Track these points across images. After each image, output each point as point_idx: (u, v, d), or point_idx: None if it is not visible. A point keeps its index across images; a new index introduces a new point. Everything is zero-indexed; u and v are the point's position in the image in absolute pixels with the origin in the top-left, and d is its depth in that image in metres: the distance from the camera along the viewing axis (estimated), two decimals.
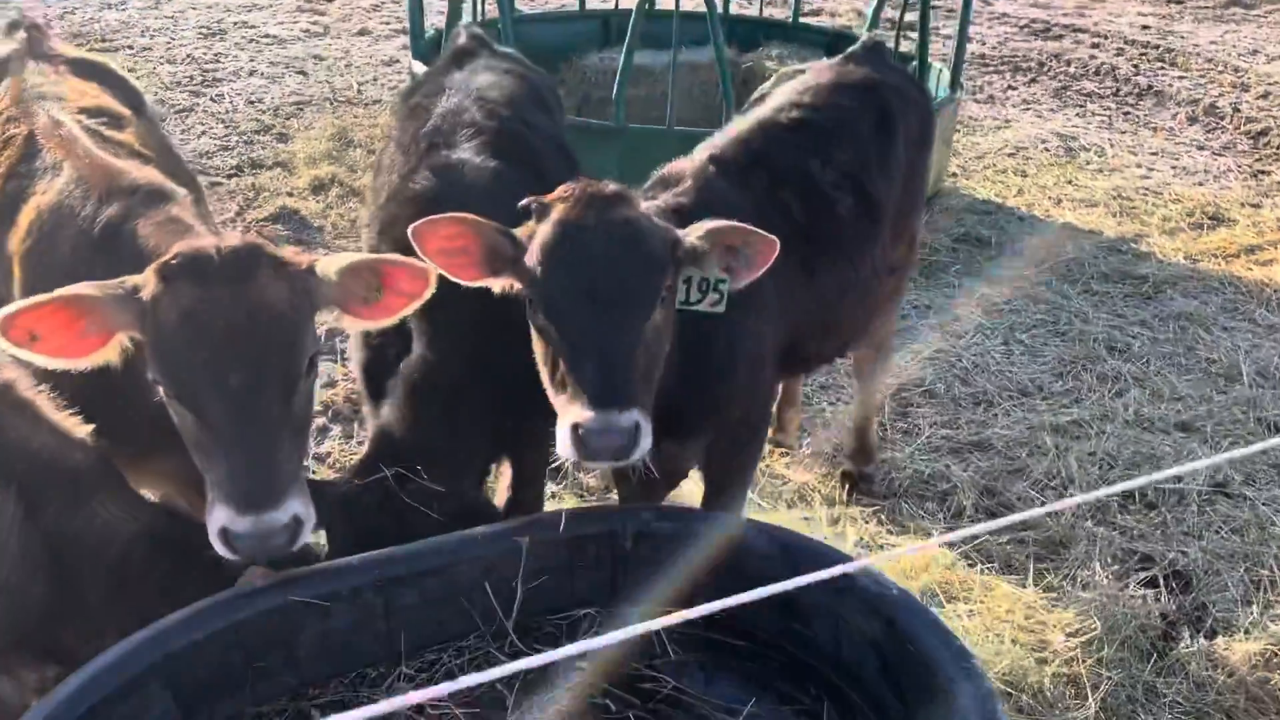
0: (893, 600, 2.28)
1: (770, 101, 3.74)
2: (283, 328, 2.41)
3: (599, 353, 2.49)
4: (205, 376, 2.33)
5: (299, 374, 2.46)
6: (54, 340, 2.33)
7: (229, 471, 2.32)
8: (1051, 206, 8.37)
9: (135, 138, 3.23)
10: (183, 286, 2.36)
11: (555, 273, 2.56)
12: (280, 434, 2.39)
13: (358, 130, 9.04)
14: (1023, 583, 4.26)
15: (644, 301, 2.59)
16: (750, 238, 2.68)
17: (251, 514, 2.27)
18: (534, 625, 2.58)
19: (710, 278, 2.74)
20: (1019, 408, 5.57)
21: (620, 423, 2.40)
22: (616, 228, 2.60)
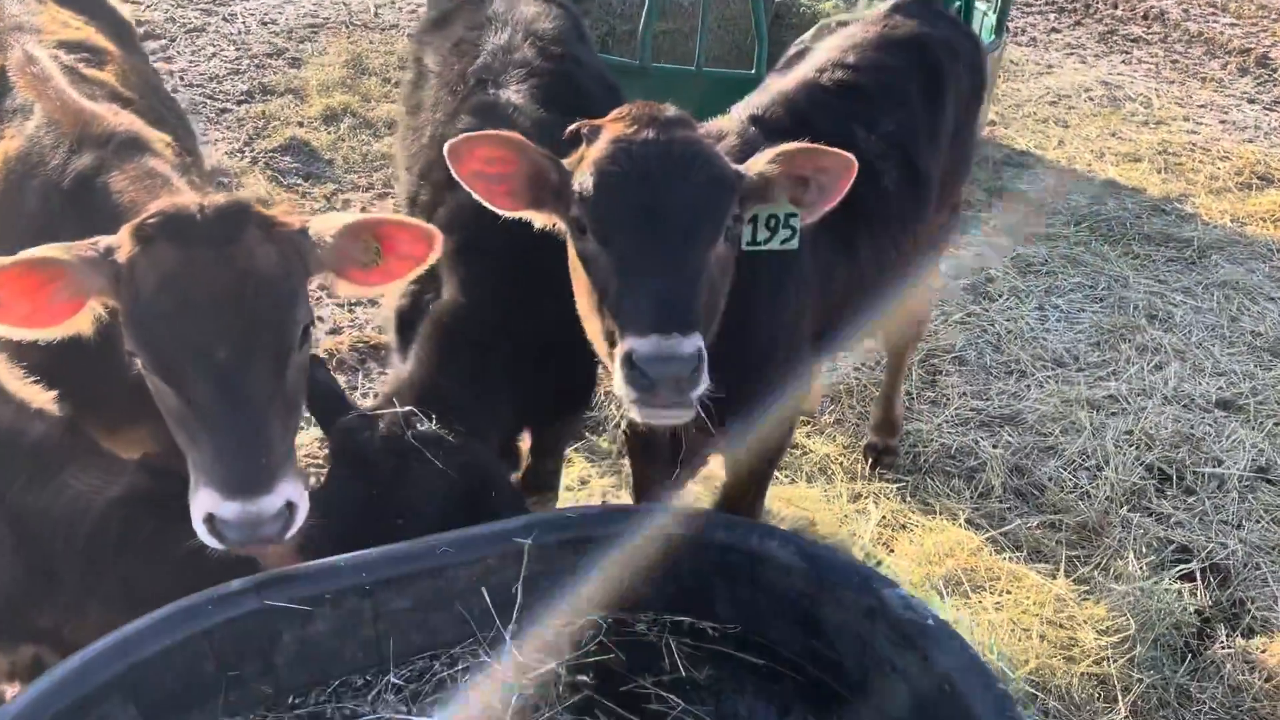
0: (928, 631, 2.06)
1: (812, 59, 3.42)
2: (273, 294, 2.18)
3: (657, 272, 2.23)
4: (188, 349, 2.11)
5: (291, 346, 2.23)
6: (19, 308, 2.11)
7: (215, 453, 2.10)
8: (1094, 160, 7.99)
9: (116, 76, 2.97)
10: (162, 248, 2.13)
11: (607, 187, 2.30)
12: (271, 412, 2.17)
13: (373, 57, 8.69)
14: (1053, 573, 4.05)
15: (709, 221, 2.33)
16: (824, 160, 2.42)
17: (240, 499, 2.07)
18: (533, 633, 2.38)
19: (780, 213, 2.47)
20: (1053, 379, 5.31)
21: (682, 347, 2.13)
22: (678, 143, 2.34)
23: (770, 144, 2.90)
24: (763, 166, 2.42)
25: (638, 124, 2.36)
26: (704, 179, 2.33)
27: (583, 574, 2.40)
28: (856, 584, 2.20)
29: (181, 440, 2.22)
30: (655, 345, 2.13)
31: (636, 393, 2.19)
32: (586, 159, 2.38)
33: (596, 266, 2.35)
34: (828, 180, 2.45)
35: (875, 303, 3.34)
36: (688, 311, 2.22)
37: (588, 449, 4.66)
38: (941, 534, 4.20)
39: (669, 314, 2.18)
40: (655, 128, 2.35)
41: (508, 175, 2.42)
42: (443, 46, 3.66)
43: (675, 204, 2.28)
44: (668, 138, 2.34)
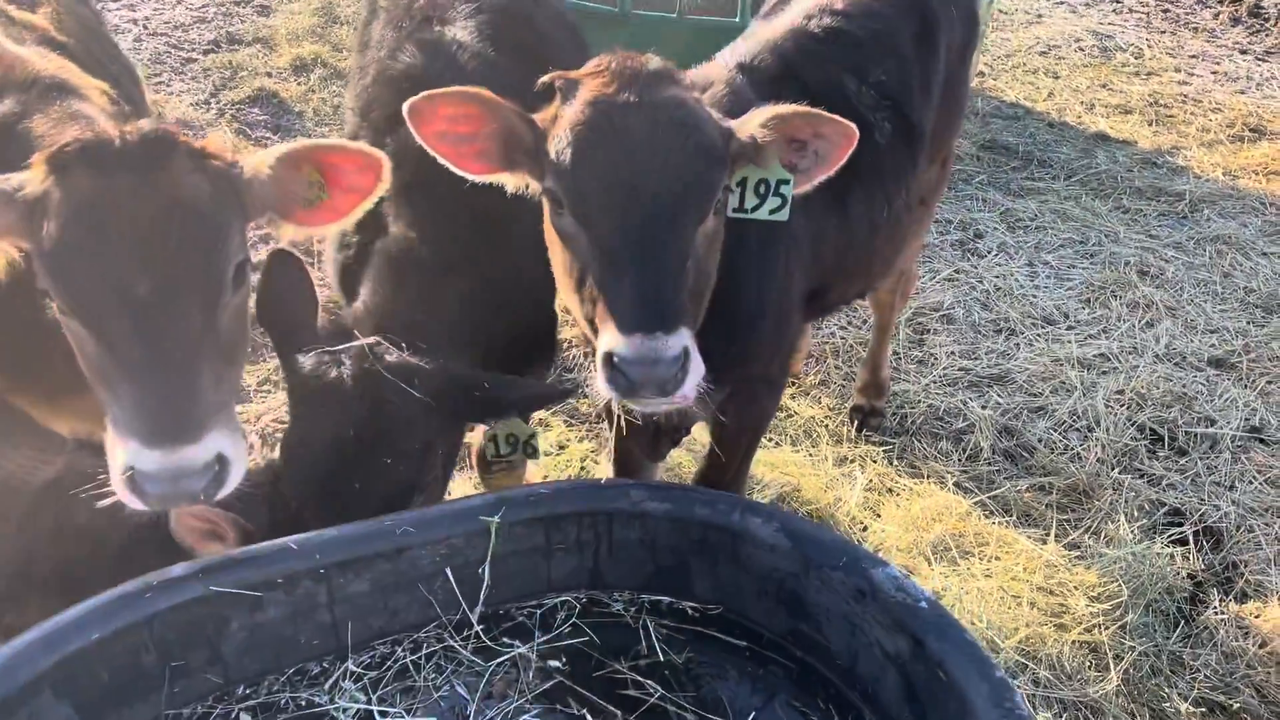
0: (922, 615, 1.93)
1: (799, 4, 3.22)
2: (201, 225, 2.01)
3: (640, 263, 2.04)
4: (105, 284, 1.93)
5: (222, 283, 2.06)
6: None
7: (134, 400, 1.93)
8: (1084, 112, 7.82)
9: (50, 19, 2.76)
10: (78, 176, 1.96)
11: (586, 161, 2.09)
12: (199, 355, 2.00)
13: (345, 4, 8.37)
14: (1043, 538, 3.94)
15: (698, 200, 2.13)
16: (824, 126, 2.21)
17: (161, 448, 1.90)
18: (502, 615, 2.24)
19: (771, 178, 2.26)
20: (1043, 337, 5.19)
21: (666, 350, 1.98)
22: (663, 108, 2.12)
23: (760, 96, 2.74)
24: (756, 128, 2.21)
25: (618, 81, 2.14)
26: (693, 150, 2.11)
27: (554, 552, 2.26)
28: (845, 564, 2.07)
29: (101, 392, 2.05)
30: (638, 348, 1.98)
31: (617, 392, 2.05)
32: (561, 121, 2.16)
33: (575, 245, 2.17)
34: (825, 147, 2.26)
35: (868, 261, 3.18)
36: (674, 305, 2.05)
37: (567, 412, 4.51)
38: (929, 498, 4.09)
39: (653, 311, 2.01)
40: (638, 86, 2.13)
41: (476, 135, 2.22)
42: None
43: (660, 178, 2.08)
44: (651, 99, 2.12)
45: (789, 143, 2.24)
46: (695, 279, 2.15)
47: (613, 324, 2.02)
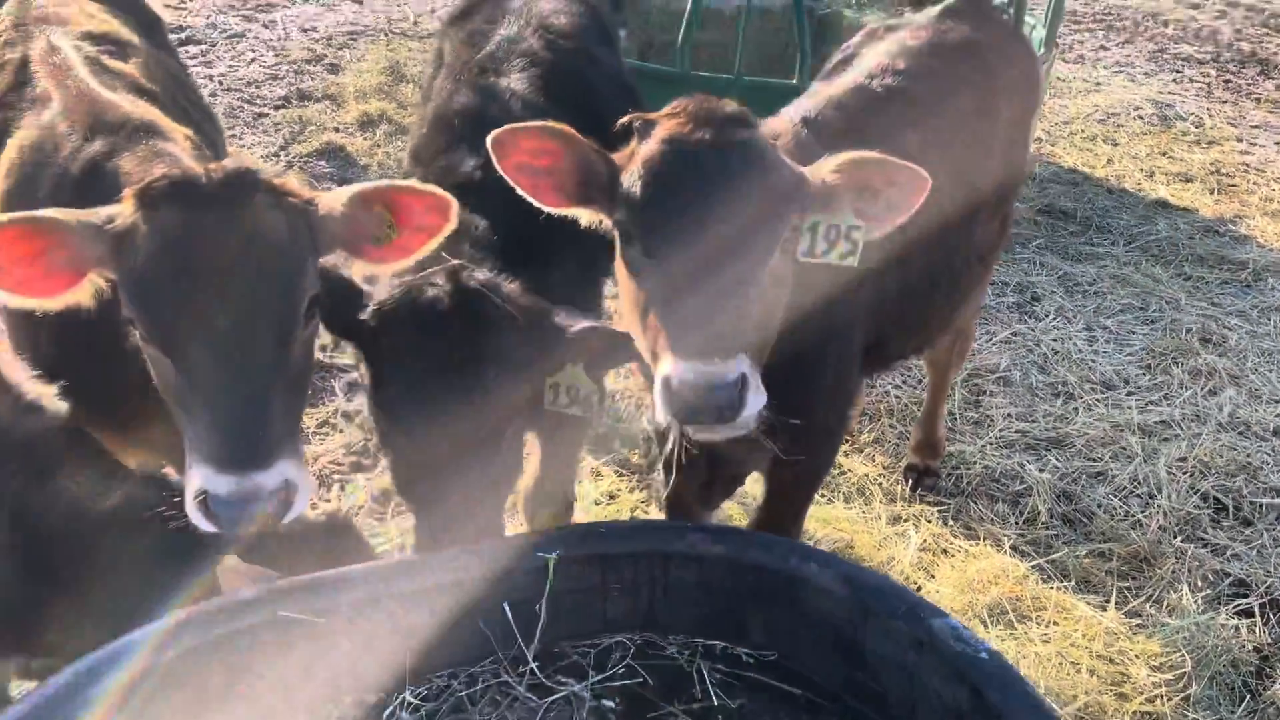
0: (982, 665, 1.91)
1: (861, 64, 3.29)
2: (279, 261, 2.09)
3: (704, 293, 2.06)
4: (187, 316, 2.01)
5: (296, 317, 2.14)
6: (16, 273, 2.03)
7: (210, 426, 2.01)
8: (1143, 179, 7.78)
9: (140, 69, 2.90)
10: (165, 211, 2.04)
11: (657, 196, 2.13)
12: (272, 386, 2.07)
13: (411, 64, 8.67)
14: (1103, 605, 3.86)
15: (765, 235, 2.16)
16: (898, 174, 2.23)
17: (234, 474, 1.97)
18: (557, 652, 2.25)
19: (842, 223, 2.27)
20: (1102, 402, 5.11)
21: (722, 375, 1.98)
22: (735, 148, 2.16)
23: (824, 149, 2.79)
24: (828, 174, 2.24)
25: (693, 121, 2.19)
26: (763, 188, 2.15)
27: (610, 592, 2.27)
28: (903, 612, 2.05)
29: (179, 417, 2.13)
30: (695, 374, 1.99)
31: (675, 416, 2.05)
32: (636, 157, 2.22)
33: (641, 277, 2.20)
34: (898, 195, 2.26)
35: (926, 316, 3.19)
36: (733, 334, 2.06)
37: (618, 462, 4.53)
38: (985, 560, 4.02)
39: (712, 338, 2.03)
40: (712, 126, 2.18)
41: (554, 169, 2.29)
42: (458, 37, 3.59)
43: (729, 215, 2.11)
44: (724, 139, 2.17)
45: (860, 189, 2.26)
46: (760, 313, 2.17)
47: (671, 350, 2.04)
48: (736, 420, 2.03)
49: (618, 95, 3.58)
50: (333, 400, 4.78)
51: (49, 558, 2.26)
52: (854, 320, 2.77)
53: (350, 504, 4.14)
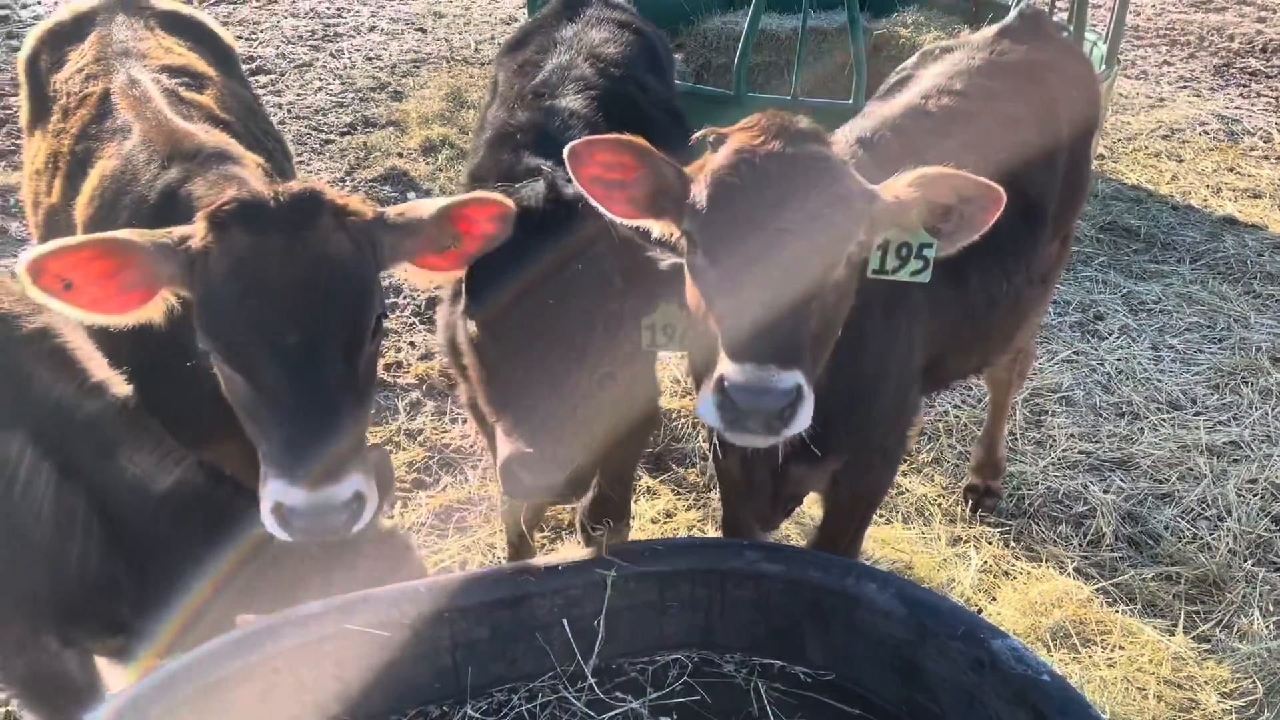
0: (1044, 688, 1.89)
1: (917, 85, 3.29)
2: (347, 280, 2.17)
3: (764, 298, 2.06)
4: (259, 334, 2.09)
5: (364, 334, 2.21)
6: (91, 291, 2.11)
7: (285, 441, 2.08)
8: (1210, 196, 7.63)
9: (215, 100, 3.02)
10: (235, 233, 2.13)
11: (724, 203, 2.14)
12: (343, 401, 2.14)
13: (472, 90, 8.84)
14: (1170, 629, 3.78)
15: (830, 247, 2.15)
16: (972, 190, 2.20)
17: (308, 487, 2.04)
18: (615, 669, 2.28)
19: (914, 241, 2.27)
20: (1168, 422, 5.01)
21: (777, 382, 1.97)
22: (805, 161, 2.15)
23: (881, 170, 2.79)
24: (901, 189, 2.23)
25: (765, 134, 2.19)
26: (828, 198, 2.14)
27: (668, 609, 2.29)
28: (963, 633, 2.04)
29: (252, 432, 2.20)
30: (748, 376, 1.98)
31: (722, 420, 2.05)
32: (707, 168, 2.24)
33: (704, 282, 2.20)
34: (971, 211, 2.23)
35: (985, 335, 3.17)
36: (790, 343, 2.06)
37: (674, 481, 4.55)
38: (1048, 583, 3.96)
39: (768, 343, 2.02)
40: (783, 139, 2.18)
41: (627, 182, 2.31)
42: (511, 67, 3.67)
43: (795, 225, 2.10)
44: (794, 151, 2.16)
45: (933, 206, 2.24)
46: (818, 326, 2.17)
47: (728, 354, 2.04)
48: (784, 433, 2.02)
49: (666, 121, 3.64)
50: (396, 419, 4.87)
51: (117, 535, 2.35)
52: (913, 339, 2.76)
53: (412, 520, 4.22)
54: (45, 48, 3.37)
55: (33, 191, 3.16)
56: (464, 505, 4.33)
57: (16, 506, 2.31)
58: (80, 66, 3.10)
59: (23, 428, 2.31)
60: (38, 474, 2.31)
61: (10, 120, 7.59)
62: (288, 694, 2.05)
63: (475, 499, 4.36)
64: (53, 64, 3.25)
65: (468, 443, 4.75)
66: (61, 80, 3.12)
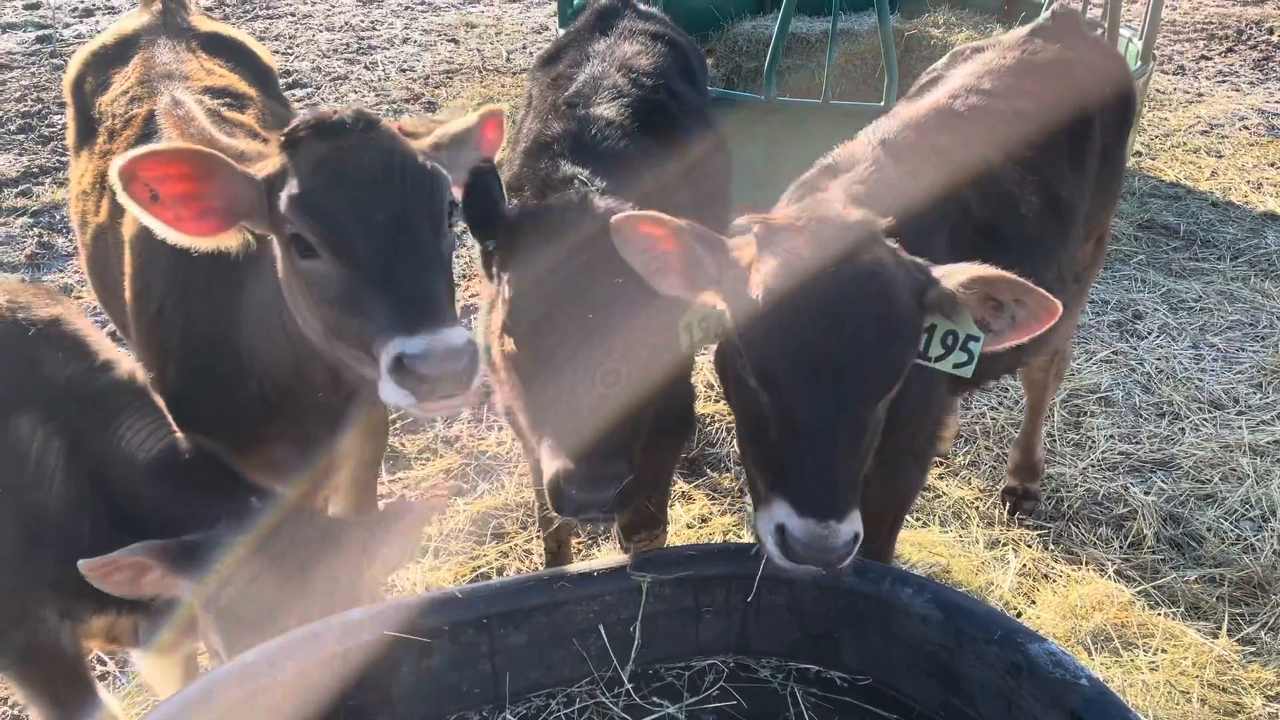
0: (1082, 692, 1.89)
1: (945, 85, 3.28)
2: (418, 167, 2.35)
3: (823, 446, 2.02)
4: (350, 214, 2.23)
5: (442, 214, 2.37)
6: (174, 208, 2.25)
7: (394, 303, 2.17)
8: (1250, 192, 7.52)
9: (256, 118, 3.08)
10: (312, 143, 2.31)
11: (778, 339, 2.06)
12: (437, 267, 2.29)
13: (505, 100, 8.91)
14: (1214, 631, 3.73)
15: (888, 382, 2.12)
16: (1027, 295, 2.15)
17: (426, 333, 2.12)
18: (651, 674, 2.30)
19: (961, 331, 2.22)
20: (1210, 422, 4.95)
21: (837, 537, 1.97)
22: (863, 282, 2.06)
23: (903, 173, 2.79)
24: (957, 285, 2.16)
25: (818, 242, 2.11)
26: (890, 331, 2.08)
27: (703, 614, 2.31)
28: (999, 637, 2.04)
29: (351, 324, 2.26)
30: (812, 532, 1.97)
31: (784, 560, 2.04)
32: (755, 278, 2.13)
33: (755, 404, 2.16)
34: (1024, 315, 2.18)
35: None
36: (851, 489, 2.04)
37: (709, 486, 4.57)
38: (1088, 586, 3.93)
39: (831, 500, 2.00)
40: (836, 254, 2.08)
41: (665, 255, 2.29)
42: (544, 80, 3.71)
43: (854, 363, 2.04)
44: (849, 273, 2.07)
45: (985, 300, 2.19)
46: (869, 445, 2.15)
47: (788, 500, 2.02)
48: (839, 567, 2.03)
49: (699, 131, 3.67)
50: (433, 426, 4.93)
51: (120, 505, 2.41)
52: None
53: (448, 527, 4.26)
54: (90, 70, 3.46)
55: (79, 211, 3.24)
56: (501, 511, 4.37)
57: (30, 482, 2.39)
58: (125, 89, 3.18)
59: (34, 407, 2.40)
60: (48, 451, 2.40)
61: (56, 138, 7.77)
62: (328, 700, 2.09)
63: (512, 505, 4.40)
64: (97, 86, 3.33)
65: (504, 449, 4.79)
66: (107, 102, 3.20)
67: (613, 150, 3.08)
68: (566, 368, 2.28)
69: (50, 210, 6.81)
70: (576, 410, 2.25)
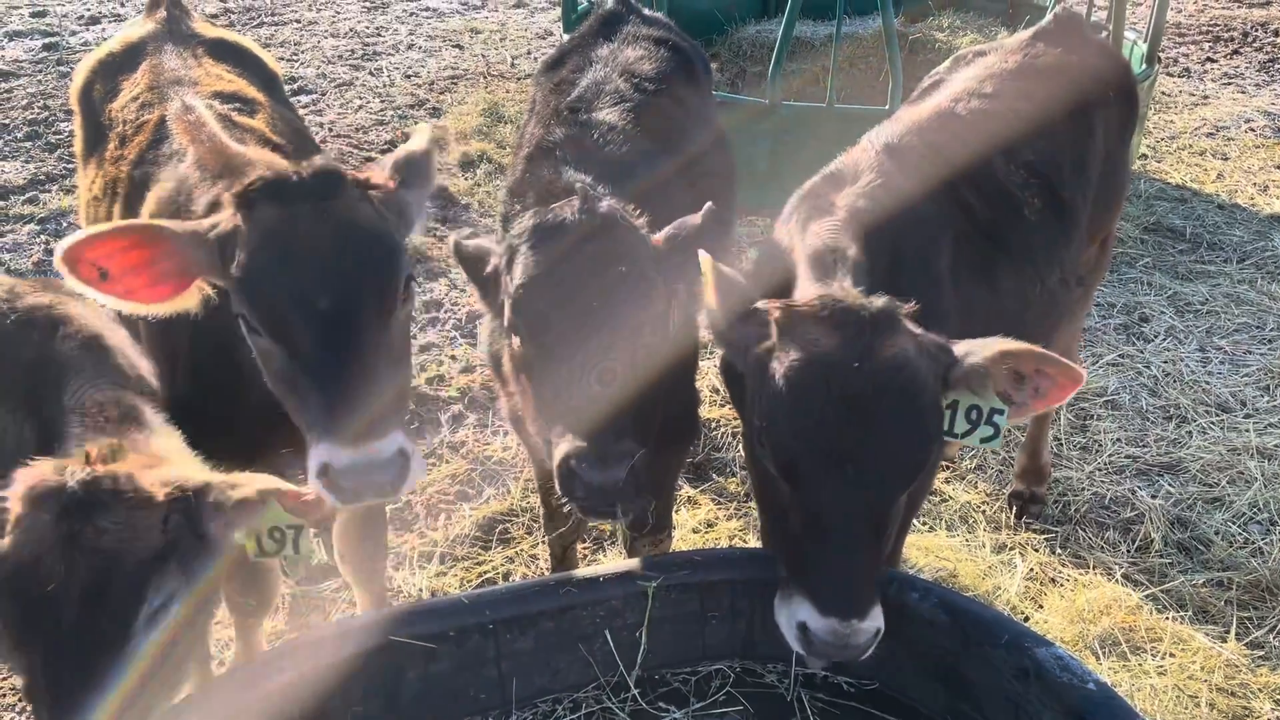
0: (1090, 697, 1.88)
1: (947, 89, 3.28)
2: (374, 243, 2.23)
3: (843, 543, 2.01)
4: (293, 300, 2.13)
5: (395, 294, 2.25)
6: (126, 280, 2.18)
7: (325, 404, 2.11)
8: (1257, 194, 7.50)
9: (266, 123, 3.09)
10: (263, 207, 2.20)
11: (804, 429, 2.05)
12: (379, 362, 2.18)
13: (509, 105, 8.92)
14: (1222, 635, 3.72)
15: (911, 476, 2.11)
16: (1051, 367, 2.15)
17: (353, 446, 2.06)
18: (658, 679, 2.29)
19: (984, 405, 2.20)
20: (1217, 425, 4.93)
21: (860, 636, 1.98)
22: (888, 377, 2.04)
23: (908, 179, 2.78)
24: (981, 361, 2.16)
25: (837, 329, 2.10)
26: (917, 424, 2.08)
27: (709, 619, 2.31)
28: (1006, 642, 2.04)
29: (293, 406, 2.22)
30: (834, 632, 1.97)
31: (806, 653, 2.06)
32: (779, 370, 2.11)
33: (776, 492, 2.16)
34: (1047, 386, 2.18)
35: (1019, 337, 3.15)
36: (871, 585, 2.03)
37: (715, 491, 4.56)
38: (1096, 590, 3.92)
39: (853, 599, 1.99)
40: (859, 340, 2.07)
41: None
42: (548, 85, 3.72)
43: (878, 460, 2.03)
44: (876, 362, 2.05)
45: (1008, 374, 2.18)
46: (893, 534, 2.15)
47: (809, 598, 2.01)
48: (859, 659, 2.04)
49: (706, 137, 3.67)
50: (439, 432, 4.93)
51: None
52: None
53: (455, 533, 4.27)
54: (98, 77, 3.47)
55: (90, 218, 3.26)
56: (507, 517, 4.37)
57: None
58: (135, 95, 3.19)
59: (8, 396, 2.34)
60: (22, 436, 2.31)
61: (62, 145, 7.80)
62: (336, 706, 2.09)
63: (518, 510, 4.40)
64: (106, 93, 3.34)
65: (510, 455, 4.79)
66: (116, 109, 3.21)
67: (615, 155, 3.08)
68: (573, 357, 2.27)
69: (57, 217, 6.83)
70: (584, 397, 2.25)
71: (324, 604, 3.86)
